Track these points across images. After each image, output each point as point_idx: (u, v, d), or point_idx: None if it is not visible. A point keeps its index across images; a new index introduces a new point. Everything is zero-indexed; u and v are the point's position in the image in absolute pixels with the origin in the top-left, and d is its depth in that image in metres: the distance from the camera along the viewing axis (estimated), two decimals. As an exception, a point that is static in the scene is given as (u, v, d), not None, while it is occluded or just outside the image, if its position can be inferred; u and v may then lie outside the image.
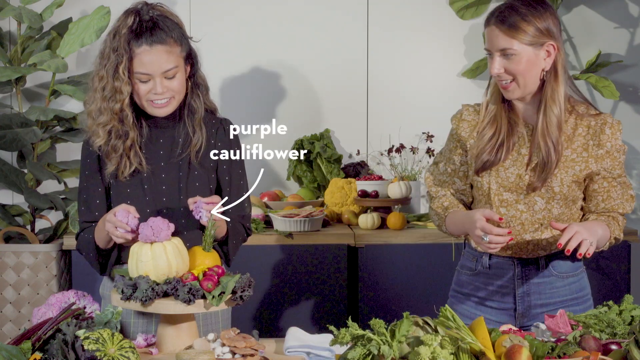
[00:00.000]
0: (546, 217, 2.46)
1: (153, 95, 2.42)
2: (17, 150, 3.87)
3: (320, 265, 3.73)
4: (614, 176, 2.46)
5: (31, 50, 4.01)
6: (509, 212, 2.46)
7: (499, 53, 2.37)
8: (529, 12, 2.35)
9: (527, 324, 2.50)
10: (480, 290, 2.55)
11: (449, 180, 2.56)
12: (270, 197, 4.06)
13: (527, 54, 2.36)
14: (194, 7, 4.26)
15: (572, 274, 2.53)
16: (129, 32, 2.39)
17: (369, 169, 4.25)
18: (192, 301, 2.17)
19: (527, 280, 2.51)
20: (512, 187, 2.45)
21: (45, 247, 3.84)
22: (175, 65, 2.42)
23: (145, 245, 2.24)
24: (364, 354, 1.92)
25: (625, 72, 4.28)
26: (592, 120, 2.45)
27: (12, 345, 2.07)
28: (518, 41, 2.35)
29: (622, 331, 2.17)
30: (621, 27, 4.28)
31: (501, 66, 2.37)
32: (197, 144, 2.50)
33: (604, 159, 2.44)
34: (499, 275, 2.53)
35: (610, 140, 2.44)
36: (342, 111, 4.31)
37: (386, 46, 4.30)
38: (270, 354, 2.26)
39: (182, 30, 2.48)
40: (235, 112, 4.28)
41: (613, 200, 2.48)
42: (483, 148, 2.45)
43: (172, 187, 2.49)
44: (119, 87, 2.40)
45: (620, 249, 3.77)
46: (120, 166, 2.47)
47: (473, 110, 2.52)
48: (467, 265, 2.59)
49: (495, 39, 2.37)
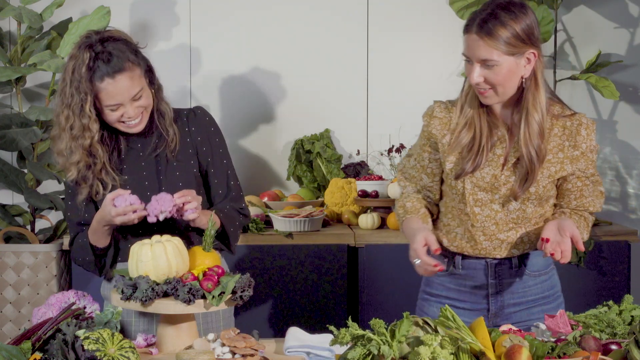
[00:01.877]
0: (520, 216, 2.44)
1: (126, 118, 2.46)
2: (17, 150, 3.87)
3: (320, 265, 3.73)
4: (587, 175, 2.46)
5: (31, 50, 4.01)
6: (484, 212, 2.44)
7: (479, 62, 2.31)
8: (511, 19, 2.28)
9: (500, 323, 2.48)
10: (451, 291, 2.53)
11: (417, 175, 2.54)
12: (270, 197, 4.06)
13: (509, 63, 2.31)
14: (193, 7, 4.26)
15: (543, 272, 2.53)
16: (88, 70, 2.39)
17: (369, 169, 4.25)
18: (192, 301, 2.17)
19: (501, 280, 2.49)
20: (487, 187, 2.42)
21: (45, 247, 3.84)
22: (140, 87, 2.44)
23: (145, 245, 2.24)
24: (364, 354, 1.92)
25: (625, 72, 4.28)
26: (567, 121, 2.42)
27: (12, 345, 2.07)
28: (500, 52, 2.28)
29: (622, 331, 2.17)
30: (621, 27, 4.28)
31: (481, 75, 2.32)
32: (171, 143, 2.54)
33: (579, 160, 2.42)
34: (471, 275, 2.51)
35: (586, 141, 2.41)
36: (342, 111, 4.31)
37: (386, 46, 4.30)
38: (270, 354, 2.26)
39: (133, 46, 2.47)
40: (235, 112, 4.28)
41: (585, 198, 2.47)
42: (461, 154, 2.42)
43: (152, 182, 2.54)
44: (87, 124, 2.43)
45: (620, 249, 3.77)
46: (92, 191, 2.51)
47: (445, 107, 2.49)
48: None
49: (476, 49, 2.30)
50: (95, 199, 2.52)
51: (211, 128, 2.61)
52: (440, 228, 2.54)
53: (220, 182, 2.60)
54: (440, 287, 2.55)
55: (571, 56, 4.29)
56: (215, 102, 4.28)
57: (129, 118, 2.44)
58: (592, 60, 4.06)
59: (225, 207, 2.58)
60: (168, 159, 2.54)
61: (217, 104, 4.28)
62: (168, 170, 2.54)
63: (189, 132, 2.58)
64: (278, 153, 4.31)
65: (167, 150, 2.54)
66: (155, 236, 2.30)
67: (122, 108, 2.43)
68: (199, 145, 2.58)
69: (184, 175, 2.55)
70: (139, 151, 2.55)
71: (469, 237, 2.47)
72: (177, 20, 4.26)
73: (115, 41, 2.43)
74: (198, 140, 2.58)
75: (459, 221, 2.48)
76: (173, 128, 2.55)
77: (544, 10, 3.89)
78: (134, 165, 2.54)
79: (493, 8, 2.30)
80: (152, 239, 2.27)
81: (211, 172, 2.60)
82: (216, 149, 2.60)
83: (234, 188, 2.62)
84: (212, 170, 2.60)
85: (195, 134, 2.58)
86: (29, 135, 3.83)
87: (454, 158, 2.44)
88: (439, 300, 2.55)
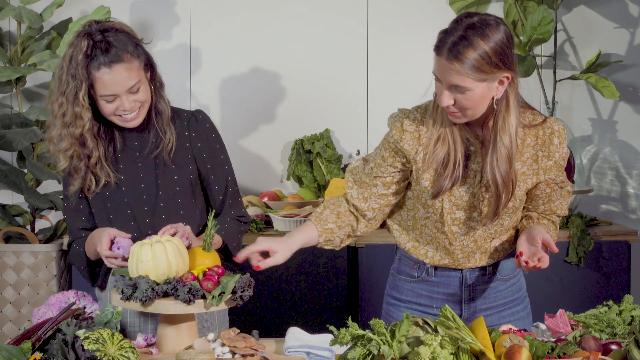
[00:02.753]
0: (498, 230, 2.41)
1: (121, 111, 2.43)
2: (17, 150, 3.87)
3: (320, 265, 3.73)
4: (557, 182, 2.41)
5: (31, 50, 4.01)
6: (462, 230, 2.38)
7: (449, 87, 2.20)
8: (484, 43, 2.15)
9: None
10: (422, 297, 2.49)
11: (369, 182, 2.43)
12: (270, 197, 4.06)
13: (480, 89, 2.18)
14: (193, 7, 4.26)
15: (513, 275, 2.51)
16: (85, 57, 2.38)
17: (369, 169, 4.25)
18: (192, 301, 2.17)
19: (474, 287, 2.47)
20: (465, 205, 2.35)
21: (45, 247, 3.84)
22: (138, 79, 2.42)
23: (145, 245, 2.24)
24: (364, 354, 1.92)
25: (625, 72, 4.28)
26: (539, 130, 2.33)
27: (12, 345, 2.08)
28: (473, 79, 2.16)
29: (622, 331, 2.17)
30: (621, 27, 4.28)
31: (451, 98, 2.20)
32: (168, 144, 2.51)
33: (552, 169, 2.35)
34: (444, 283, 2.47)
35: (558, 150, 2.33)
36: (342, 111, 4.31)
37: (386, 46, 4.30)
38: (270, 354, 2.26)
39: (134, 39, 2.45)
40: (235, 112, 4.28)
41: (553, 202, 2.44)
42: (437, 171, 2.31)
43: (149, 185, 2.51)
44: (79, 112, 2.41)
45: (620, 249, 3.77)
46: (85, 184, 2.49)
47: (414, 118, 2.37)
48: (406, 271, 2.52)
49: (448, 74, 2.18)
50: (87, 194, 2.51)
51: (212, 135, 2.58)
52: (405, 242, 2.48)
53: (220, 189, 2.59)
54: (411, 293, 2.51)
55: (571, 56, 4.29)
56: (215, 102, 4.28)
57: (124, 111, 2.42)
58: (592, 60, 4.05)
59: (225, 221, 2.56)
60: (166, 162, 2.52)
61: (217, 104, 4.28)
62: (166, 173, 2.52)
63: (189, 137, 2.55)
64: (278, 153, 4.31)
65: (164, 151, 2.51)
66: (155, 236, 2.30)
67: (117, 100, 2.41)
68: (198, 151, 2.56)
69: (181, 179, 2.53)
70: (135, 150, 2.53)
71: (445, 253, 2.43)
72: (177, 20, 4.26)
73: (117, 32, 2.42)
74: (198, 146, 2.56)
75: (431, 237, 2.42)
76: (170, 128, 2.52)
77: (544, 10, 3.89)
78: (130, 165, 2.52)
79: (464, 29, 2.18)
80: (152, 239, 2.27)
81: (211, 179, 2.58)
82: (217, 156, 2.58)
83: (233, 195, 2.61)
84: (212, 177, 2.58)
85: (195, 140, 2.56)
86: (29, 135, 3.83)
87: (429, 175, 2.34)
88: (409, 306, 2.51)
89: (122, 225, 2.50)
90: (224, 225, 2.54)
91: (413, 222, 2.46)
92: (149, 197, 2.51)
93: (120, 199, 2.51)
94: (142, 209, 2.51)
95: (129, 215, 2.51)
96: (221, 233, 2.51)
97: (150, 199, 2.51)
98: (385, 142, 2.43)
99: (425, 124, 2.34)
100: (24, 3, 3.92)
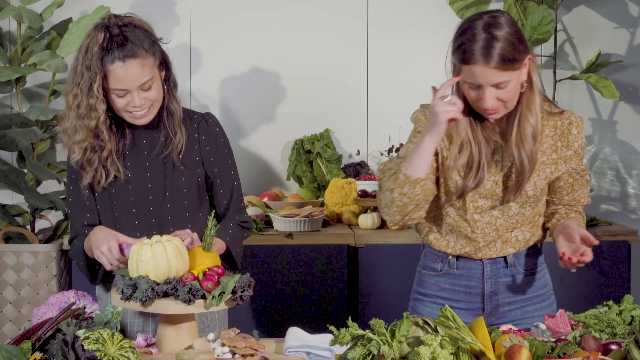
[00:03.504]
0: (519, 220, 2.45)
1: (132, 107, 2.42)
2: (17, 150, 3.88)
3: (320, 265, 3.73)
4: (578, 171, 2.47)
5: (31, 50, 4.02)
6: (484, 219, 2.43)
7: (492, 87, 2.27)
8: (508, 35, 2.24)
9: (495, 322, 2.49)
10: (445, 291, 2.52)
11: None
12: (270, 197, 4.06)
13: (517, 78, 2.29)
14: (193, 7, 4.26)
15: (537, 270, 2.53)
16: (100, 50, 2.37)
17: (369, 169, 4.25)
18: (192, 301, 2.17)
19: (496, 279, 2.49)
20: (487, 194, 2.41)
21: (45, 247, 3.84)
22: (151, 77, 2.40)
23: (145, 245, 2.24)
24: (364, 354, 1.92)
25: (625, 72, 4.28)
26: (557, 121, 2.41)
27: (12, 345, 2.07)
28: (511, 71, 2.25)
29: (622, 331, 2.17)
30: (621, 27, 4.28)
31: (494, 98, 2.28)
32: (178, 145, 2.50)
33: (572, 159, 2.43)
34: (466, 275, 2.50)
35: (577, 139, 2.42)
36: (342, 111, 4.31)
37: (386, 47, 4.30)
38: (270, 354, 2.26)
39: (152, 37, 2.45)
40: (235, 112, 4.28)
41: (576, 192, 2.49)
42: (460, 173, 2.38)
43: (157, 185, 2.50)
44: (94, 104, 2.39)
45: (620, 249, 3.77)
46: (96, 177, 2.47)
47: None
48: (430, 266, 2.55)
49: (489, 77, 2.25)
50: (97, 188, 2.50)
51: (221, 139, 2.58)
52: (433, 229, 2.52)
53: (225, 193, 2.58)
54: (434, 287, 2.54)
55: (571, 56, 4.29)
56: (215, 102, 4.28)
57: (135, 107, 2.40)
58: (592, 60, 4.06)
59: (229, 227, 2.56)
60: (174, 164, 2.51)
61: (217, 104, 4.28)
62: (174, 174, 2.52)
63: (199, 140, 2.55)
64: (278, 153, 4.31)
65: (174, 152, 2.50)
66: (155, 236, 2.30)
67: (129, 96, 2.39)
68: (207, 155, 2.55)
69: (189, 181, 2.53)
70: (144, 149, 2.52)
71: (467, 242, 2.47)
72: (177, 20, 4.26)
73: (135, 28, 2.42)
74: (207, 150, 2.55)
75: (453, 227, 2.47)
76: (181, 129, 2.50)
77: (544, 10, 3.89)
78: (137, 164, 2.51)
79: (485, 30, 2.25)
80: (152, 239, 2.27)
81: (217, 183, 2.57)
82: (224, 161, 2.58)
83: (238, 200, 2.61)
84: (218, 181, 2.57)
85: (204, 144, 2.55)
86: (29, 135, 3.83)
87: (455, 174, 2.41)
88: (433, 300, 2.54)
89: (126, 223, 2.50)
90: (227, 231, 2.53)
91: (436, 212, 2.50)
92: (155, 198, 2.50)
93: (127, 197, 2.50)
94: (147, 209, 2.50)
95: (133, 214, 2.50)
96: (225, 239, 2.50)
97: (157, 200, 2.51)
98: (414, 134, 2.45)
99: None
100: (24, 3, 3.92)
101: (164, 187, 2.51)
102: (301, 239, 3.72)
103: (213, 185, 2.58)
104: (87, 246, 2.47)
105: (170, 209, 2.50)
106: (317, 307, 3.73)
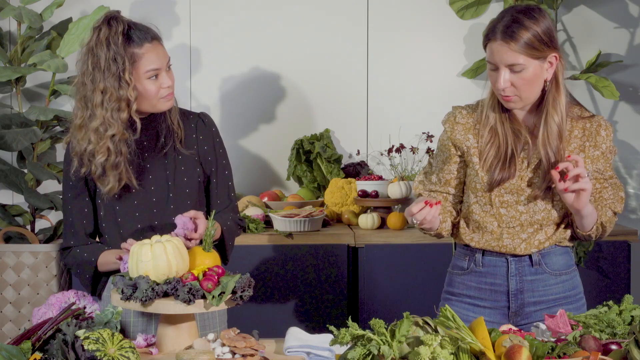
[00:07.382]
0: (545, 218, 2.47)
1: (163, 91, 2.45)
2: (17, 150, 3.88)
3: (320, 265, 3.73)
4: (606, 177, 2.49)
5: (31, 50, 4.02)
6: (509, 213, 2.47)
7: (506, 68, 2.35)
8: (533, 23, 2.33)
9: (522, 322, 2.50)
10: (471, 290, 2.55)
11: (442, 190, 2.56)
12: (270, 197, 4.06)
13: (534, 67, 2.35)
14: (193, 7, 4.26)
15: (564, 271, 2.53)
16: (124, 38, 2.39)
17: (369, 169, 4.25)
18: (192, 301, 2.17)
19: (521, 277, 2.51)
20: (513, 188, 2.45)
21: (45, 247, 3.84)
22: (169, 57, 2.48)
23: (145, 245, 2.24)
24: (364, 354, 1.92)
25: (625, 72, 4.28)
26: (587, 123, 2.47)
27: (12, 345, 2.07)
28: (526, 56, 2.33)
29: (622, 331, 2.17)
30: (621, 27, 4.28)
31: (507, 80, 2.36)
32: (179, 135, 2.54)
33: (599, 160, 2.46)
34: (491, 273, 2.52)
35: (605, 141, 2.46)
36: (342, 111, 4.31)
37: (386, 47, 4.30)
38: (270, 354, 2.26)
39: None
40: (235, 112, 4.28)
41: (604, 200, 2.50)
42: (491, 165, 2.45)
43: (160, 187, 2.51)
44: (124, 95, 2.40)
45: (620, 249, 3.77)
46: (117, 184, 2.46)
47: (466, 112, 2.51)
48: (458, 265, 2.59)
49: (503, 55, 2.34)
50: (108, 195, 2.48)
51: (217, 139, 2.61)
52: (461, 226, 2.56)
53: (221, 193, 2.60)
54: (462, 285, 2.57)
55: (571, 56, 4.29)
56: (215, 102, 4.28)
57: (168, 87, 2.45)
58: (592, 60, 4.06)
59: (227, 219, 2.57)
60: (176, 151, 2.53)
61: (217, 104, 4.28)
62: (176, 176, 2.52)
63: (197, 140, 2.57)
64: (278, 153, 4.31)
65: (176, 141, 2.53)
66: (155, 236, 2.30)
67: (160, 77, 2.44)
68: (204, 154, 2.57)
69: (190, 181, 2.54)
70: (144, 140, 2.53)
71: (492, 237, 2.50)
72: (177, 20, 4.26)
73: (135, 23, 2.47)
74: (204, 149, 2.57)
75: (479, 224, 2.51)
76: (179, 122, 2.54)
77: (544, 10, 3.89)
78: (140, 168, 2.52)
79: (513, 14, 2.36)
80: (152, 239, 2.27)
81: (213, 182, 2.59)
82: (220, 160, 2.60)
83: (233, 199, 2.64)
84: (214, 180, 2.59)
85: (202, 143, 2.57)
86: (29, 135, 3.83)
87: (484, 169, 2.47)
88: (460, 299, 2.57)
89: (129, 228, 2.50)
90: (225, 221, 2.55)
91: (465, 210, 2.55)
92: (158, 200, 2.50)
93: (130, 201, 2.50)
94: (151, 211, 2.50)
95: (136, 217, 2.50)
96: (223, 228, 2.51)
97: (160, 202, 2.50)
98: (440, 146, 2.56)
99: (477, 117, 2.49)
100: (24, 3, 3.92)
101: (167, 188, 2.51)
102: (301, 239, 3.72)
103: (210, 185, 2.59)
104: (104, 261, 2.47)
105: (174, 210, 2.50)
106: (317, 307, 3.73)
